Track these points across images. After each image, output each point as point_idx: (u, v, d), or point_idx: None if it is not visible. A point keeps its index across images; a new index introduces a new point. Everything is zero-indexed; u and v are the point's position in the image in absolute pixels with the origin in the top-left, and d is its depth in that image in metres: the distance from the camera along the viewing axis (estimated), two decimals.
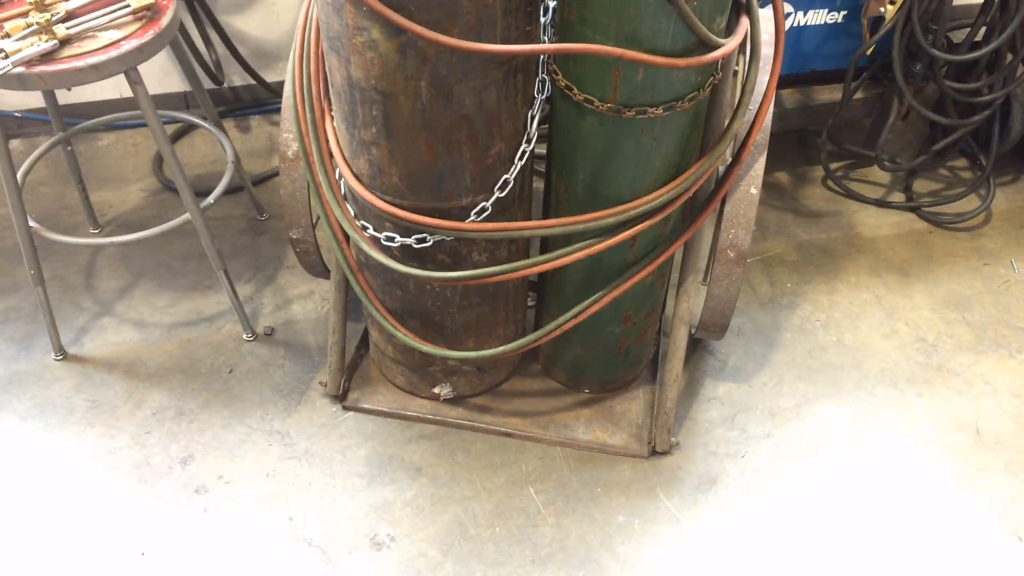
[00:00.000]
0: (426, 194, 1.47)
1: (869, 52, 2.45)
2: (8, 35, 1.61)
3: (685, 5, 1.20)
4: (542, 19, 1.35)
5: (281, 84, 1.97)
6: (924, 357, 2.22)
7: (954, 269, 2.48)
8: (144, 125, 2.80)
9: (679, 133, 1.43)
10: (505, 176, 1.47)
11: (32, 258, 2.00)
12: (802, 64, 2.58)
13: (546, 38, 1.35)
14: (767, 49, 1.52)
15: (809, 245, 2.55)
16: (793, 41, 2.50)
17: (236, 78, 2.89)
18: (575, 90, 1.37)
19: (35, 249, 2.00)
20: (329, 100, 1.50)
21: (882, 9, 2.33)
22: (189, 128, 2.87)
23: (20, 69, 1.57)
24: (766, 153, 1.61)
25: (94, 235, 2.51)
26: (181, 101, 2.89)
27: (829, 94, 2.64)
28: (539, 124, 1.46)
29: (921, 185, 2.77)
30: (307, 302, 2.34)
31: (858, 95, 2.62)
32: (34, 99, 2.61)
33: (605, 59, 1.28)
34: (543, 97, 1.43)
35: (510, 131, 1.43)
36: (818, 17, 2.47)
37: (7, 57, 1.55)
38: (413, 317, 1.76)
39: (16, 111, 2.77)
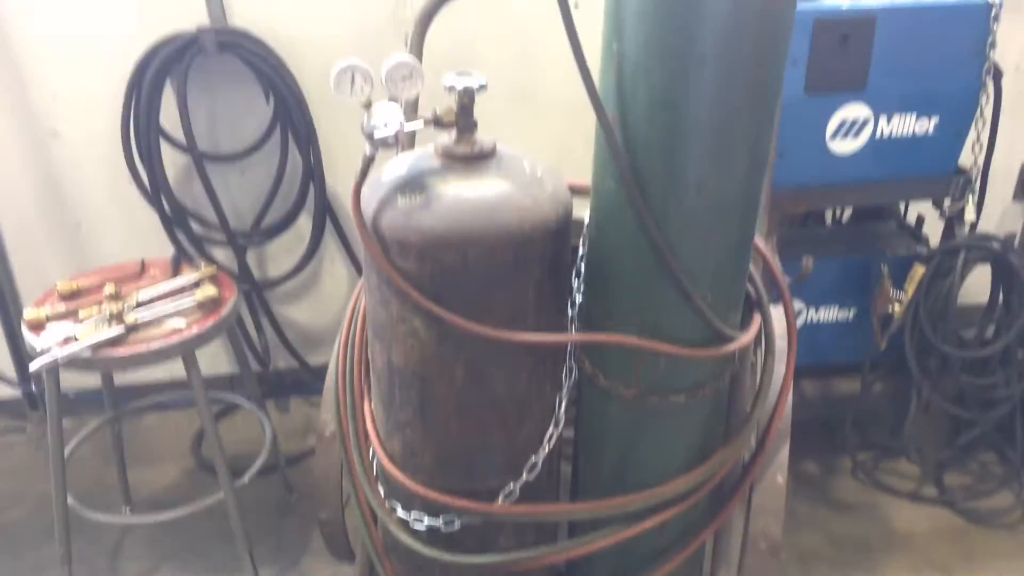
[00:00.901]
0: (456, 475, 1.48)
1: (883, 347, 2.54)
2: (81, 321, 1.75)
3: (701, 302, 1.29)
4: (570, 311, 1.44)
5: (323, 367, 2.09)
6: None
7: (998, 568, 2.36)
8: (190, 406, 2.89)
9: (702, 420, 1.46)
10: (534, 458, 1.49)
11: (64, 537, 1.99)
12: (819, 356, 2.66)
13: (573, 328, 1.44)
14: (781, 342, 1.59)
15: (844, 539, 2.46)
16: (808, 334, 2.61)
17: (281, 361, 3.03)
18: (600, 377, 1.43)
19: (68, 528, 2.00)
20: (369, 383, 1.57)
21: (890, 308, 2.45)
22: (232, 408, 2.96)
23: (88, 353, 1.69)
24: (789, 441, 1.63)
25: (127, 514, 2.50)
26: (227, 382, 3.01)
27: (849, 385, 2.70)
28: (567, 408, 1.51)
29: (953, 478, 2.72)
30: None
31: (877, 387, 2.67)
32: (90, 379, 2.74)
33: (628, 348, 1.36)
34: (571, 382, 1.49)
35: (539, 415, 1.48)
36: (830, 313, 2.60)
37: (78, 341, 1.67)
38: None
39: (71, 391, 2.89)
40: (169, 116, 2.57)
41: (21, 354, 2.85)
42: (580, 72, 1.20)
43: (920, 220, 2.72)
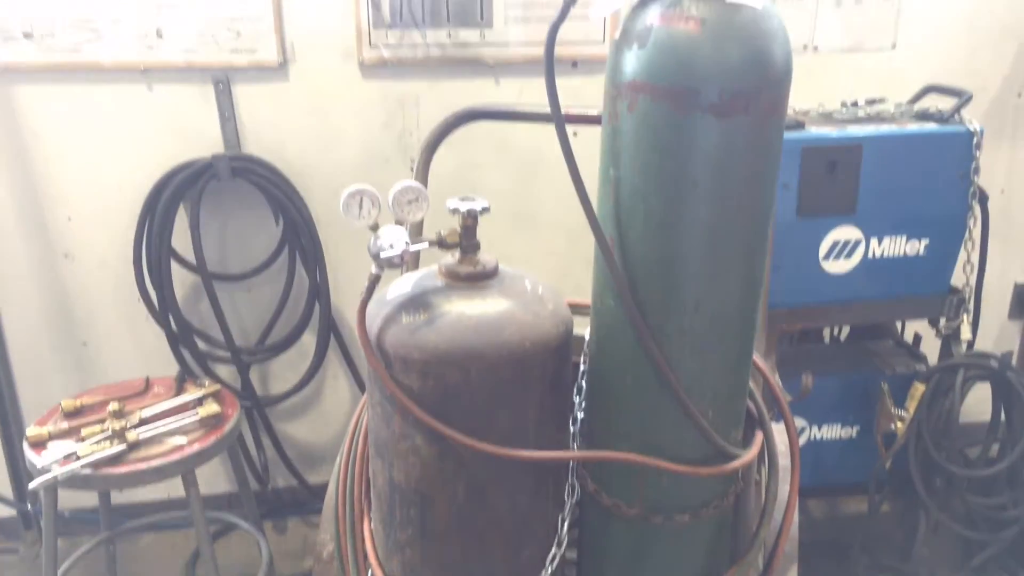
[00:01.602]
0: None
1: (887, 466, 2.51)
2: (83, 439, 1.74)
3: (701, 419, 1.29)
4: (571, 428, 1.44)
5: (322, 486, 2.06)
6: None
7: None
8: (186, 526, 2.83)
9: (707, 539, 1.43)
10: None
11: None
12: (824, 476, 2.62)
13: (575, 445, 1.43)
14: (784, 460, 1.58)
15: None
16: (812, 454, 2.58)
17: (280, 480, 2.99)
18: (603, 495, 1.41)
19: None
20: (369, 502, 1.55)
21: (893, 426, 2.44)
22: (229, 527, 2.90)
23: (88, 471, 1.67)
24: (797, 563, 1.59)
25: None
26: (225, 501, 2.95)
27: (856, 505, 2.65)
28: (570, 527, 1.48)
29: None
30: None
31: (885, 507, 2.62)
32: (87, 498, 2.70)
33: (630, 466, 1.35)
34: (573, 501, 1.47)
35: (541, 534, 1.45)
36: (833, 431, 2.58)
37: (79, 459, 1.66)
38: None
39: (67, 510, 2.84)
40: (180, 237, 2.64)
41: (19, 472, 2.81)
42: (579, 196, 1.25)
43: (917, 338, 2.74)
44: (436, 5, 2.61)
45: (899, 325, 2.86)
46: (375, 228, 1.31)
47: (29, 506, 2.83)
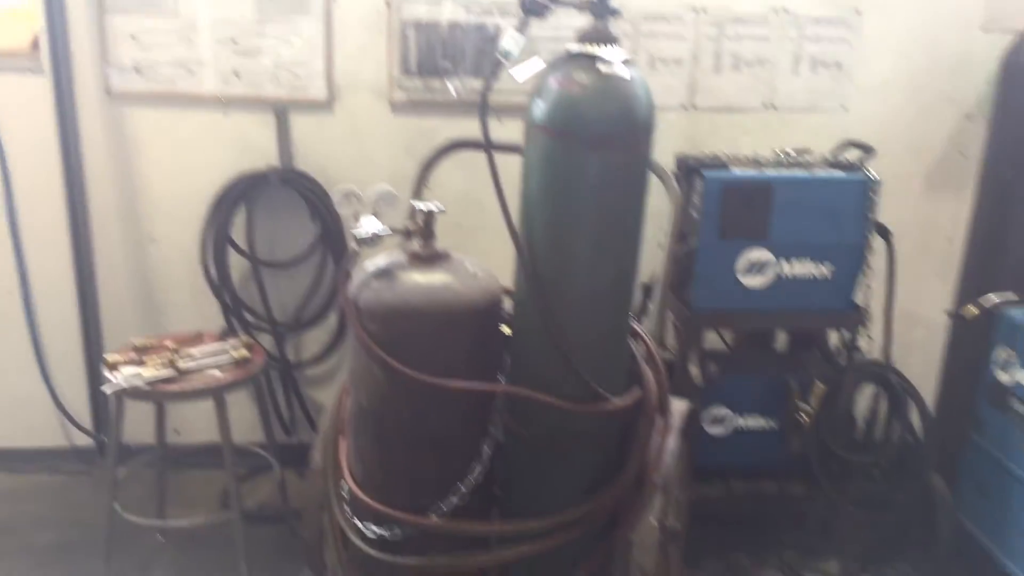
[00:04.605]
0: (401, 495, 1.77)
1: (795, 452, 2.79)
2: (145, 364, 2.19)
3: (581, 367, 1.64)
4: (500, 379, 1.80)
5: None
6: None
7: None
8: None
9: (591, 464, 1.77)
10: (462, 487, 1.81)
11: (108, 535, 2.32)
12: (746, 459, 2.88)
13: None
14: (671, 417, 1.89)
15: None
16: (736, 440, 2.85)
17: (304, 435, 3.38)
18: (513, 425, 1.78)
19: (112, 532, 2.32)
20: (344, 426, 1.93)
21: (799, 416, 2.73)
22: (258, 471, 3.25)
23: (147, 387, 2.12)
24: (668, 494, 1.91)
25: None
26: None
27: (774, 486, 2.91)
28: (494, 452, 1.83)
29: None
30: None
31: (798, 488, 2.88)
32: (147, 434, 3.09)
33: (533, 403, 1.70)
34: (494, 429, 1.83)
35: (468, 452, 1.79)
36: (756, 421, 2.85)
37: (141, 376, 2.10)
38: None
39: (132, 444, 3.26)
40: (238, 230, 3.09)
41: (99, 407, 3.27)
42: (500, 205, 1.65)
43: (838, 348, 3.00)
44: (453, 59, 3.04)
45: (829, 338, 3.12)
46: (357, 218, 1.72)
47: (104, 438, 3.28)
